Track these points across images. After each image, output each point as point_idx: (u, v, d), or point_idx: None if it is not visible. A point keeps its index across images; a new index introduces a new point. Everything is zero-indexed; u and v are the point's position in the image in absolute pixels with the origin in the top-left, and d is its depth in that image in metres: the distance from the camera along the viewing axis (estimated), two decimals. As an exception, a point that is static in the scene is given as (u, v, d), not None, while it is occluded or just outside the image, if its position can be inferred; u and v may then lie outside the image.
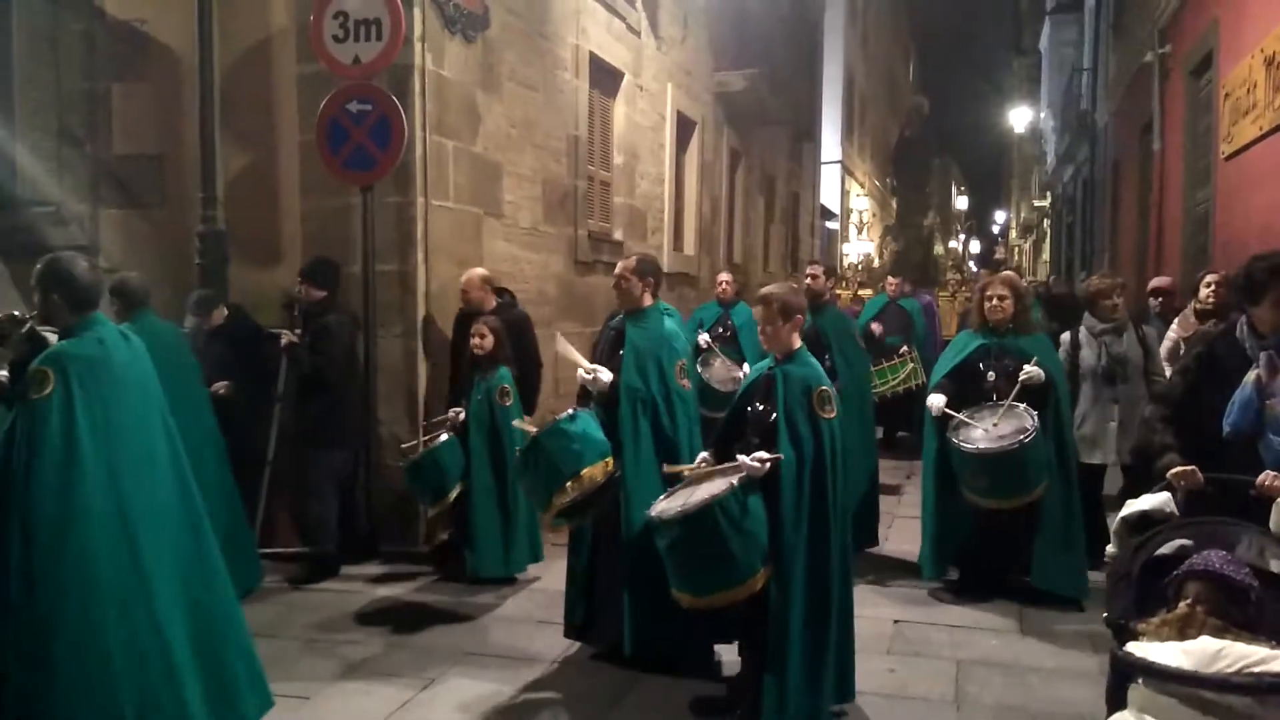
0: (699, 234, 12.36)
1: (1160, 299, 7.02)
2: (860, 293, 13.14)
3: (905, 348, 8.97)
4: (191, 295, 5.83)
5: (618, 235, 9.63)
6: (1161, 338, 6.10)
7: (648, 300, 4.39)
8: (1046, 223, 31.26)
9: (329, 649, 4.57)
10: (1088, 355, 5.54)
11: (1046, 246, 31.39)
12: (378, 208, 5.96)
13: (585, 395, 4.45)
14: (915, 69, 43.39)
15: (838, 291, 13.45)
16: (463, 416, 5.43)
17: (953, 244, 47.64)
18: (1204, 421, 3.31)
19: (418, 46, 6.08)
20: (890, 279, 10.21)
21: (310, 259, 5.91)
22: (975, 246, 52.38)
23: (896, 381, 8.78)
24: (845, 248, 26.39)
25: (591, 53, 8.77)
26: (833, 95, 24.45)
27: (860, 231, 27.40)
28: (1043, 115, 29.91)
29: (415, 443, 5.59)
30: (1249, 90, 7.21)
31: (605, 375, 4.26)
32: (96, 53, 6.58)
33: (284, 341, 5.65)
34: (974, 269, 34.21)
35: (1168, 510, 3.06)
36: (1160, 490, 3.15)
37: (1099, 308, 5.59)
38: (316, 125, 5.86)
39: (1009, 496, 4.86)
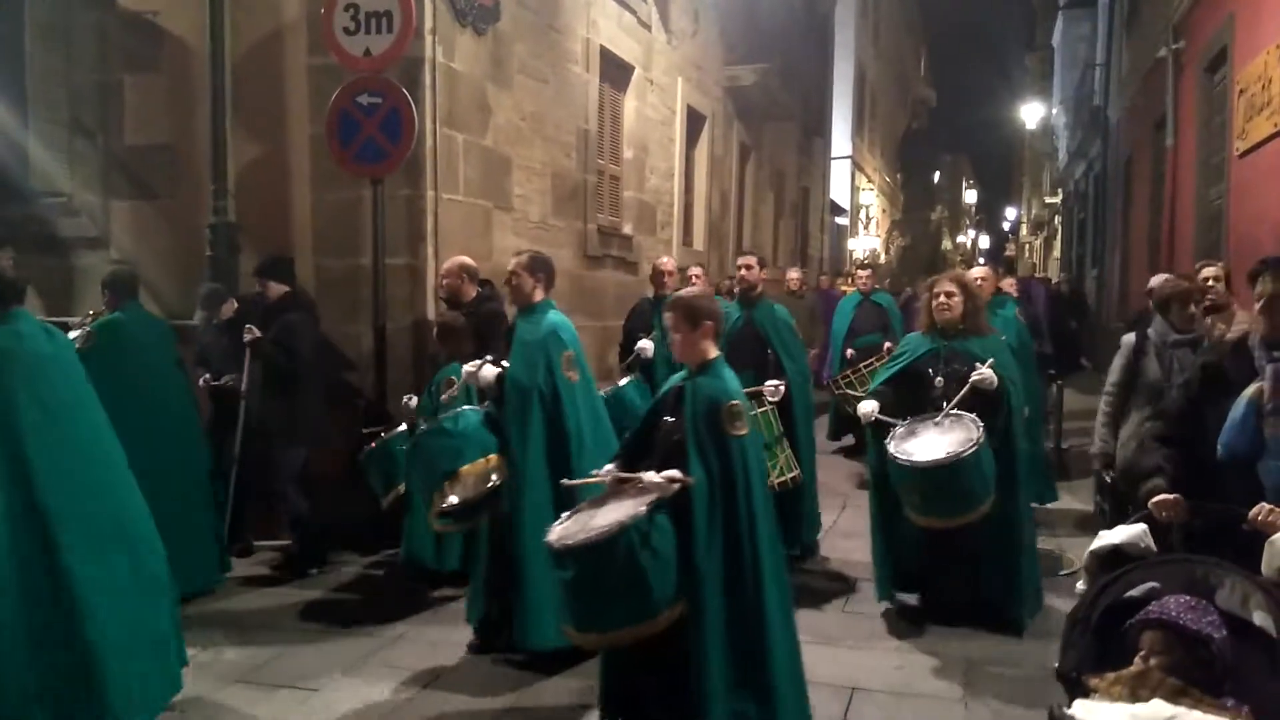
0: (708, 228, 12.34)
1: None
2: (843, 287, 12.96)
3: (888, 344, 8.06)
4: (201, 289, 5.85)
5: (627, 229, 9.62)
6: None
7: (538, 296, 4.29)
8: (1058, 219, 31.11)
9: (334, 640, 4.58)
10: (1152, 368, 4.61)
11: (1058, 243, 31.25)
12: (388, 200, 5.97)
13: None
14: (927, 64, 43.19)
15: (843, 288, 13.28)
16: (414, 403, 5.22)
17: (961, 239, 47.25)
18: (1207, 442, 2.89)
19: (428, 39, 6.08)
20: (860, 272, 9.46)
21: (265, 256, 5.81)
22: (985, 242, 52.08)
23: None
24: (851, 243, 26.12)
25: (602, 46, 8.76)
26: (843, 90, 24.36)
27: (866, 226, 27.18)
28: (1054, 111, 29.74)
29: (377, 429, 5.48)
30: (1264, 86, 7.15)
31: (488, 371, 4.17)
32: (108, 44, 6.59)
33: (247, 338, 5.47)
34: (983, 264, 34.05)
35: (1143, 545, 2.67)
36: (1138, 521, 2.75)
37: (1176, 314, 4.63)
38: (327, 118, 5.87)
39: (948, 514, 4.33)
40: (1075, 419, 8.90)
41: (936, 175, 24.42)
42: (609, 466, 3.36)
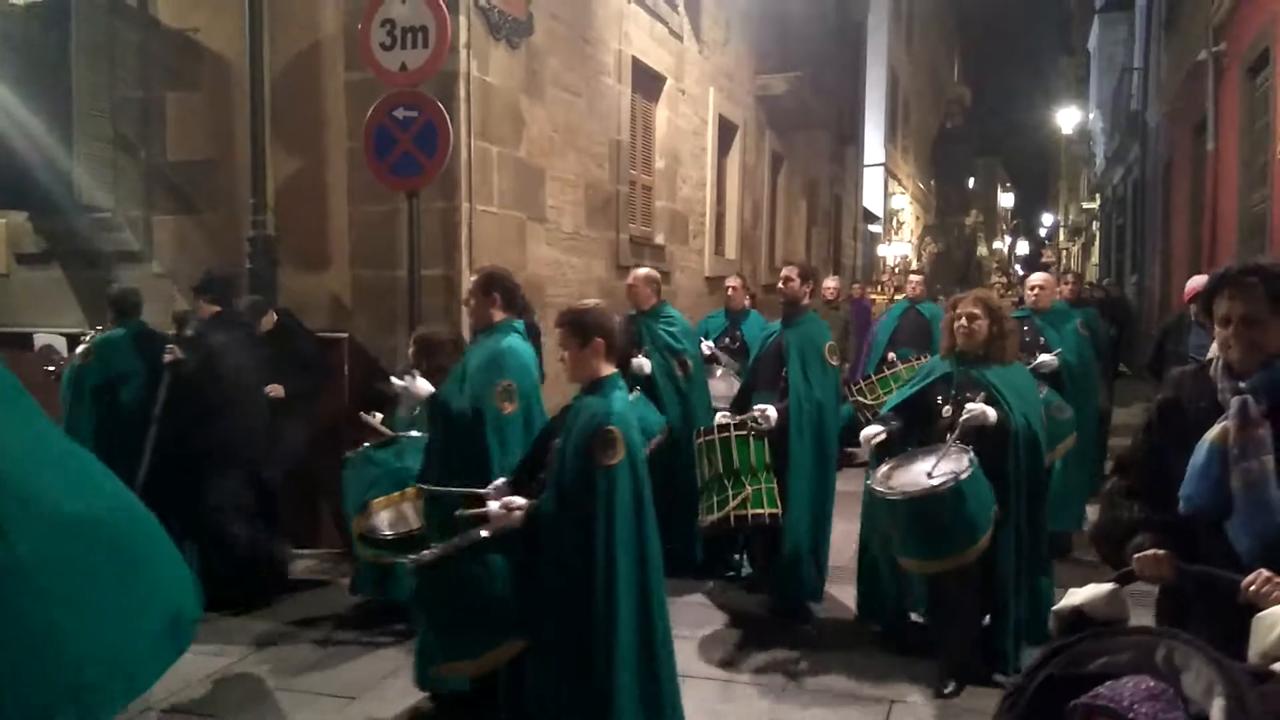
0: (740, 238, 12.32)
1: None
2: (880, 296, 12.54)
3: (922, 358, 7.25)
4: (241, 302, 5.94)
5: (659, 239, 9.63)
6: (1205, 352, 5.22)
7: (497, 316, 3.84)
8: (1095, 225, 30.70)
9: (374, 648, 4.61)
10: None
11: (1095, 249, 30.83)
12: (423, 213, 6.01)
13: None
14: (960, 70, 42.87)
15: (873, 297, 13.12)
16: (377, 419, 4.91)
17: (997, 244, 46.47)
18: (1171, 494, 2.35)
19: (463, 53, 6.13)
20: (912, 277, 8.98)
21: (205, 271, 5.67)
22: (1023, 248, 51.36)
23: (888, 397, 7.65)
24: (880, 249, 25.72)
25: (634, 57, 8.79)
26: (876, 97, 24.25)
27: (896, 231, 26.87)
28: (1091, 116, 29.39)
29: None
30: (1309, 89, 7.03)
31: (419, 387, 3.96)
32: (150, 61, 6.72)
33: (168, 359, 5.22)
34: (1020, 271, 33.62)
35: (1110, 608, 2.20)
36: (1114, 579, 2.27)
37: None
38: (364, 132, 5.93)
39: (928, 555, 3.88)
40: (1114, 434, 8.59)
41: (971, 181, 24.00)
42: (498, 482, 3.17)
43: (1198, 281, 5.90)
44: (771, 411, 4.81)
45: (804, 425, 4.89)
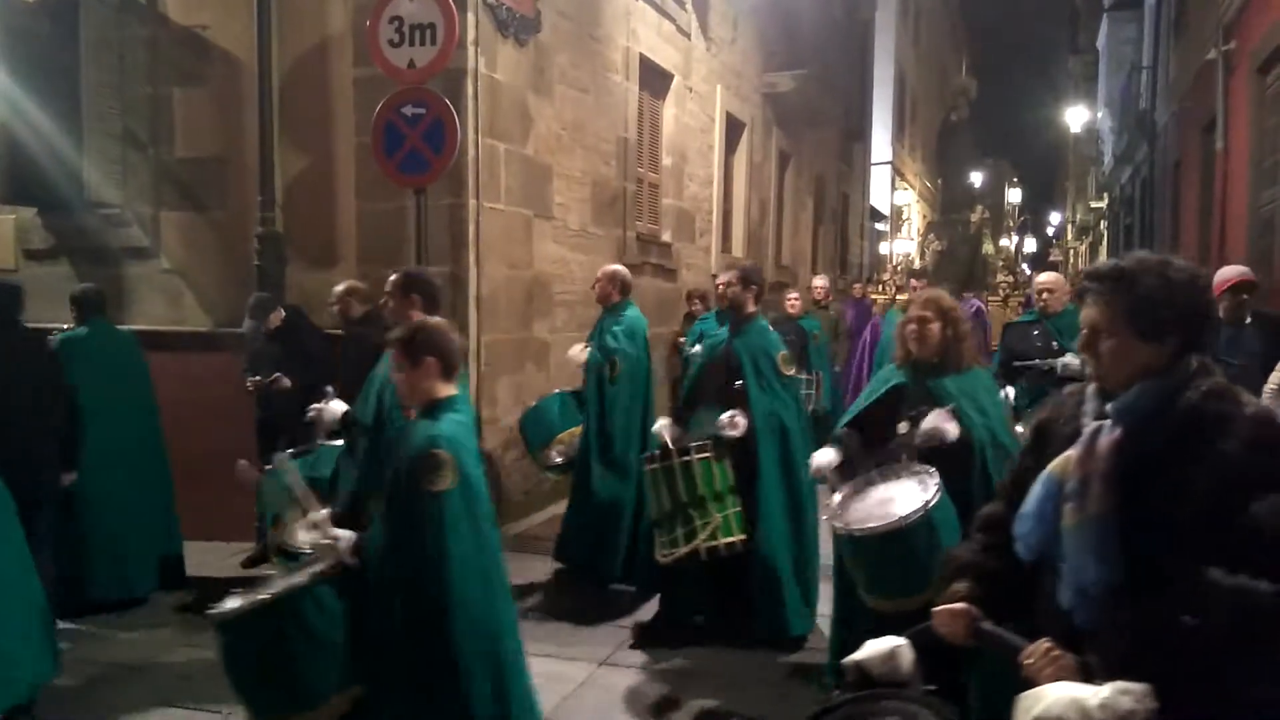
0: (747, 236, 12.31)
1: (1237, 298, 4.90)
2: (899, 297, 11.78)
3: None
4: (250, 299, 5.95)
5: (666, 237, 9.63)
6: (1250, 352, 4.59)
7: (416, 317, 3.60)
8: (1103, 224, 30.61)
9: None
10: None
11: (1103, 249, 30.75)
12: (431, 210, 6.02)
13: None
14: (968, 68, 42.76)
15: (874, 297, 12.87)
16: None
17: (1004, 242, 46.21)
18: None
19: (471, 50, 6.14)
20: (914, 282, 8.49)
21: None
22: (1030, 245, 51.14)
23: None
24: (882, 246, 25.02)
25: (641, 55, 8.78)
26: (884, 95, 24.22)
27: (899, 229, 26.62)
28: (1099, 115, 29.30)
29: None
30: (1320, 88, 6.99)
31: (334, 408, 3.84)
32: (159, 58, 6.73)
33: None
34: (1027, 270, 33.52)
35: (886, 665, 1.93)
36: (909, 635, 1.98)
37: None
38: (372, 129, 5.93)
39: (894, 594, 3.21)
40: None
41: (978, 179, 23.76)
42: (323, 513, 2.97)
43: (1229, 273, 5.12)
44: (741, 418, 4.43)
45: (769, 437, 4.49)
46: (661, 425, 4.61)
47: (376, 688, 2.74)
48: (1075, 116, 31.85)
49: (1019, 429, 4.45)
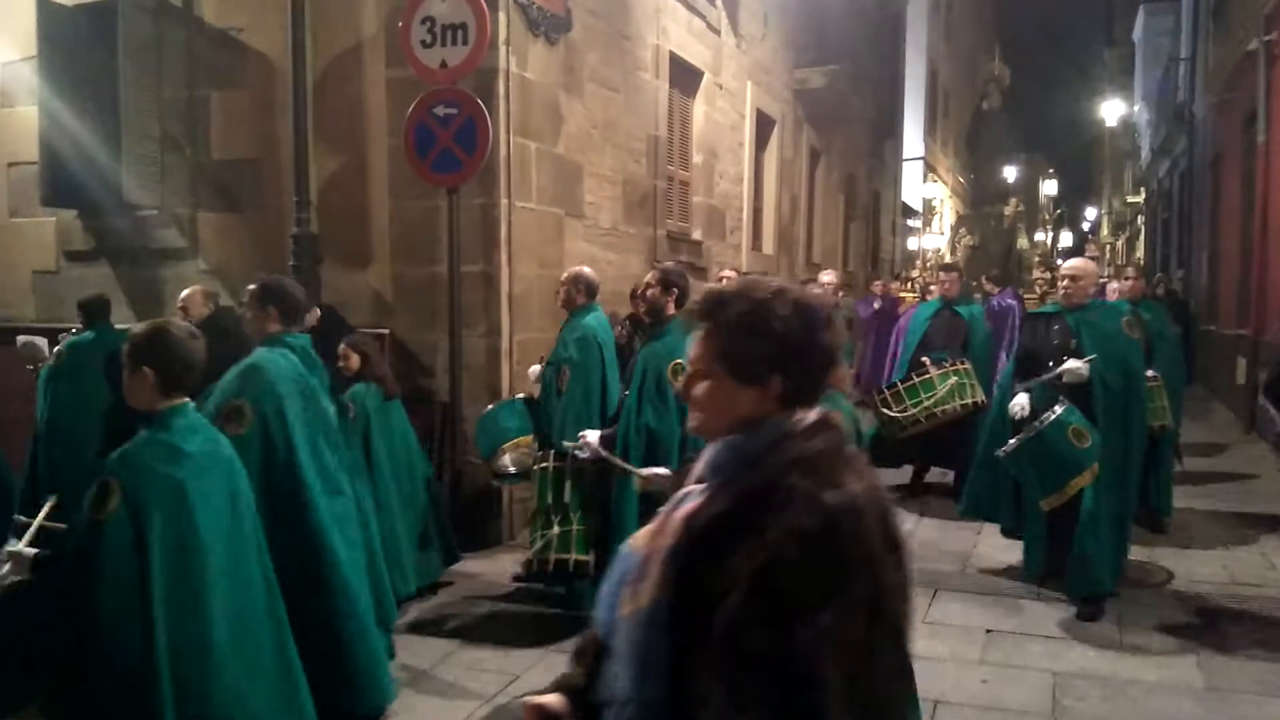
0: (778, 233, 12.25)
1: None
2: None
3: (955, 363, 6.72)
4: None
5: (696, 235, 9.61)
6: None
7: (273, 329, 3.66)
8: (1140, 219, 30.15)
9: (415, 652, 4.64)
10: None
11: (1140, 244, 30.29)
12: (463, 209, 6.05)
13: None
14: (1001, 62, 42.26)
15: (902, 295, 12.62)
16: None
17: (1039, 236, 45.13)
18: None
19: (502, 50, 6.15)
20: (942, 275, 7.84)
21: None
22: (1066, 240, 50.23)
23: (928, 403, 6.40)
24: (911, 241, 24.28)
25: (672, 52, 8.76)
26: (915, 91, 23.98)
27: (929, 224, 26.14)
28: (1136, 108, 28.87)
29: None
30: (1366, 78, 6.83)
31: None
32: (195, 61, 6.82)
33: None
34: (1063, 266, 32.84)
35: None
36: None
37: None
38: (404, 129, 5.97)
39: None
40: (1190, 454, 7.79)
41: (1012, 173, 23.28)
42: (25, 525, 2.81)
43: None
44: (592, 436, 4.24)
45: (630, 457, 4.15)
46: (590, 431, 4.34)
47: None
48: (1111, 110, 31.42)
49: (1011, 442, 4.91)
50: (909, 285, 14.02)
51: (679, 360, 4.08)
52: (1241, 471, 8.34)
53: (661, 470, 3.56)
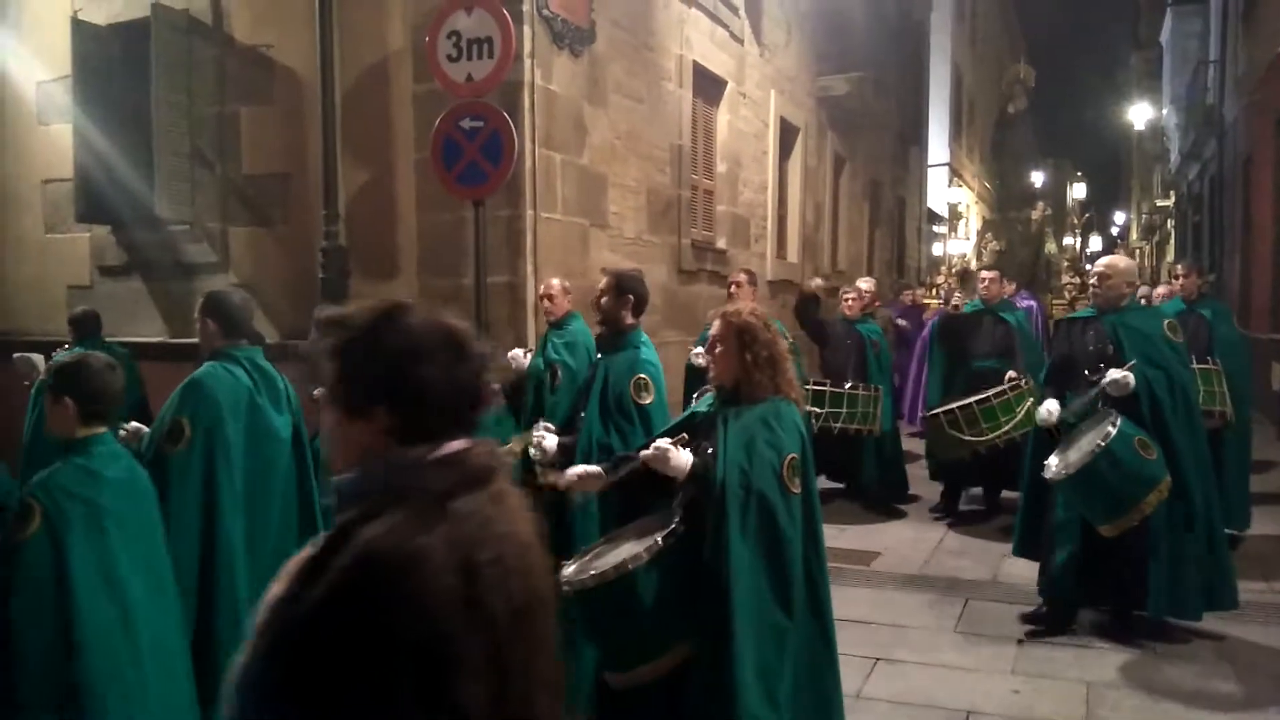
0: (802, 241, 12.23)
1: None
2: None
3: (1011, 374, 6.32)
4: (315, 311, 6.05)
5: (721, 244, 9.61)
6: None
7: (217, 342, 3.64)
8: (1170, 223, 29.79)
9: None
10: None
11: (1170, 248, 29.92)
12: (489, 221, 6.09)
13: None
14: (1026, 63, 42.02)
15: (927, 301, 12.44)
16: None
17: (1068, 240, 44.50)
18: None
19: (527, 63, 6.20)
20: (985, 274, 7.33)
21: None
22: (1095, 244, 49.67)
23: (1009, 427, 6.00)
24: (936, 247, 23.77)
25: (695, 62, 8.78)
26: (940, 96, 23.86)
27: (954, 230, 25.88)
28: (1164, 111, 28.55)
29: None
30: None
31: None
32: (226, 78, 6.93)
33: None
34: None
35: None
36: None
37: None
38: (431, 142, 6.02)
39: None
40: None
41: (1039, 179, 23.02)
42: None
43: None
44: (550, 440, 3.96)
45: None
46: (550, 438, 4.05)
47: None
48: (1139, 113, 31.10)
49: (1053, 461, 4.43)
50: (934, 291, 13.86)
51: (641, 376, 3.96)
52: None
53: (591, 469, 3.25)
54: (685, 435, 3.03)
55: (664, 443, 2.93)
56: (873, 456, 7.21)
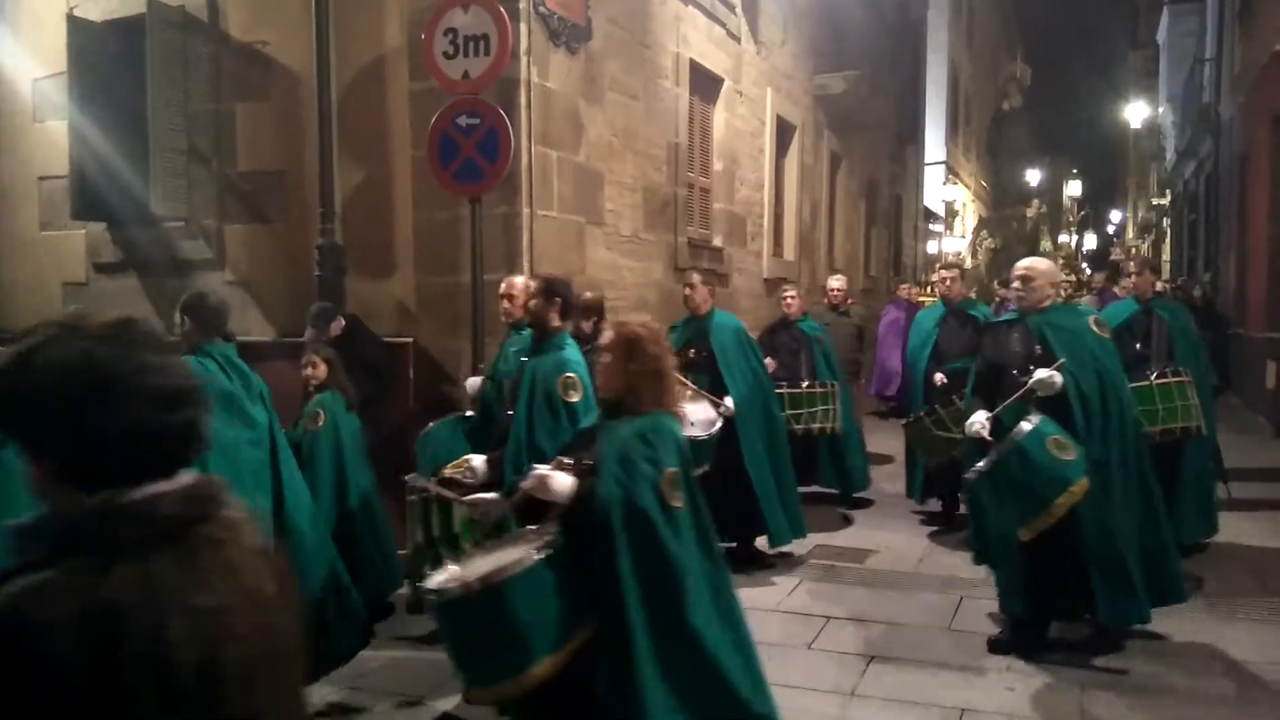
0: (799, 239, 12.24)
1: None
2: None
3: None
4: (311, 308, 6.06)
5: (717, 242, 9.61)
6: None
7: (193, 339, 3.84)
8: (1166, 222, 29.83)
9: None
10: None
11: (1166, 246, 29.96)
12: (485, 218, 6.08)
13: None
14: (1023, 62, 42.01)
15: (921, 299, 12.45)
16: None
17: (1063, 238, 44.03)
18: None
19: (524, 60, 6.20)
20: (944, 273, 7.19)
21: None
22: (1090, 243, 49.46)
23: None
24: (932, 245, 23.65)
25: (692, 60, 8.78)
26: (936, 95, 23.89)
27: (950, 228, 25.84)
28: (1161, 110, 28.59)
29: None
30: (1396, 77, 6.73)
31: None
32: (222, 75, 6.91)
33: None
34: (1088, 270, 32.63)
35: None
36: None
37: None
38: (428, 139, 6.02)
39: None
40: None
41: (1035, 177, 22.99)
42: None
43: None
44: (478, 461, 3.97)
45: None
46: (475, 456, 4.08)
47: None
48: (1136, 112, 31.14)
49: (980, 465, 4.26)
50: (929, 290, 13.88)
51: (569, 374, 3.95)
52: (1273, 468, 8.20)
53: (489, 495, 3.33)
54: (564, 458, 3.01)
55: (543, 469, 2.91)
56: (827, 456, 7.16)
